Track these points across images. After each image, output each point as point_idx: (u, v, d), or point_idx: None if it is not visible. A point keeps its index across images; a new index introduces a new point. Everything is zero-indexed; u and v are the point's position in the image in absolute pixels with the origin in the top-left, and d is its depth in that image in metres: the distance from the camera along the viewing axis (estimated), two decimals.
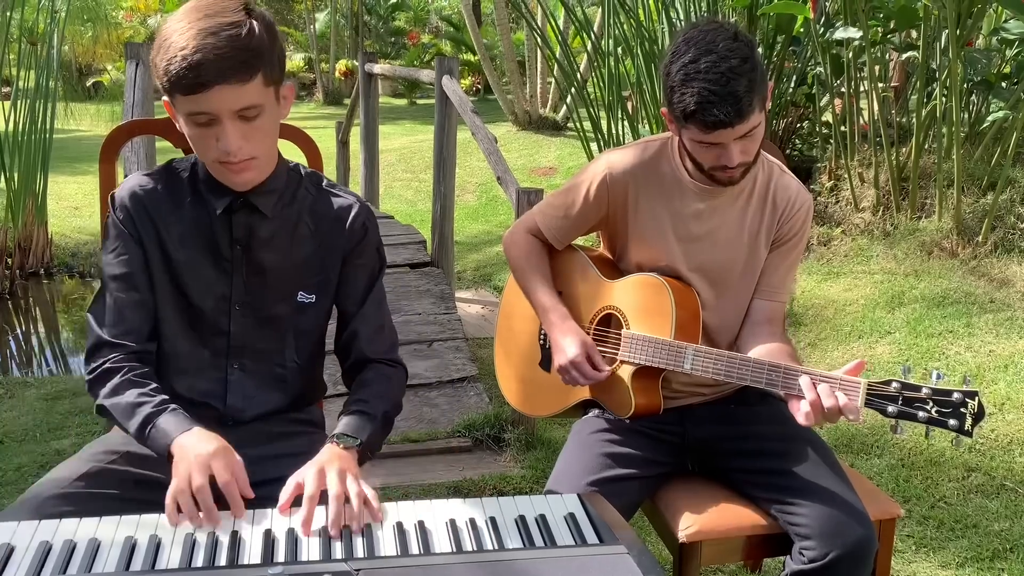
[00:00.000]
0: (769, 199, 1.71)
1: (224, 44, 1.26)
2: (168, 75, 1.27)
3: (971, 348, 3.43)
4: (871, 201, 4.70)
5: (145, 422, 1.33)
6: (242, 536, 1.21)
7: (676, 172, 1.71)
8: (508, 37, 10.11)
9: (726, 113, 1.49)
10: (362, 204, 1.54)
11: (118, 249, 1.44)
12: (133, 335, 1.43)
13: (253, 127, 1.33)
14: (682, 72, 1.52)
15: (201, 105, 1.28)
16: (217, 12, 1.28)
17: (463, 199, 7.73)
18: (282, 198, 1.47)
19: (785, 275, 1.76)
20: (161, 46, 1.29)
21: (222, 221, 1.44)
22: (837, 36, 4.36)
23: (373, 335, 1.54)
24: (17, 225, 5.79)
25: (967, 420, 1.37)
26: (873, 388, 1.44)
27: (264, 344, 1.50)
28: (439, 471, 2.97)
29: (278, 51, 1.33)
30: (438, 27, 18.35)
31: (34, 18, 6.21)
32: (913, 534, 2.51)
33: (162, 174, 1.48)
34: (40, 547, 1.15)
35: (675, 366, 1.64)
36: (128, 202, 1.44)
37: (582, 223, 1.80)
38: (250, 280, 1.47)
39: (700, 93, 1.49)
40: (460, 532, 1.23)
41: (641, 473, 1.70)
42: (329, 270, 1.51)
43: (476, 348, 4.11)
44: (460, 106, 4.30)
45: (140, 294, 1.44)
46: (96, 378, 1.41)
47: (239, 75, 1.27)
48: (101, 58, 14.85)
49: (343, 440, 1.38)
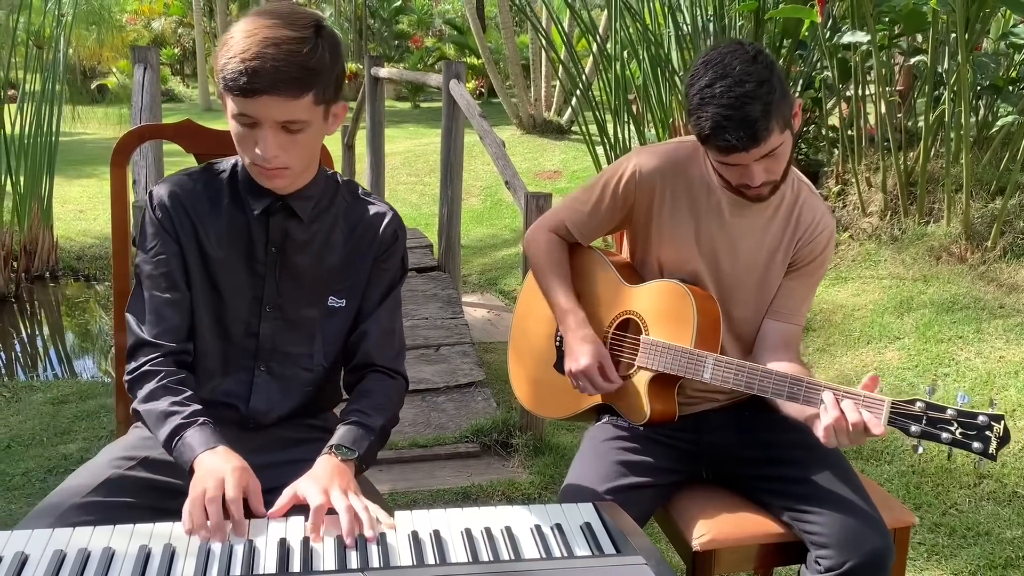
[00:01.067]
0: (793, 218, 1.70)
1: (283, 57, 1.27)
2: (224, 72, 1.28)
3: (981, 354, 3.42)
4: (879, 206, 4.69)
5: (173, 433, 1.34)
6: (257, 545, 1.20)
7: (706, 177, 1.70)
8: (512, 40, 10.11)
9: (739, 138, 1.48)
10: (394, 213, 1.56)
11: (156, 247, 1.45)
12: (172, 334, 1.44)
13: (293, 140, 1.34)
14: (698, 95, 1.52)
15: (247, 108, 1.30)
16: (288, 23, 1.29)
17: (468, 203, 7.72)
18: (319, 204, 1.49)
19: (802, 300, 1.73)
20: (225, 43, 1.30)
21: (259, 223, 1.45)
22: (845, 40, 4.35)
23: (382, 339, 1.54)
24: (23, 228, 5.79)
25: (992, 443, 1.35)
26: (897, 407, 1.42)
27: (292, 347, 1.51)
28: (447, 476, 2.96)
29: (338, 72, 1.34)
30: (442, 30, 18.36)
31: (40, 22, 6.22)
32: (924, 541, 2.49)
33: (201, 175, 1.49)
34: (54, 556, 1.15)
35: (694, 374, 1.63)
36: (167, 200, 1.45)
37: (608, 219, 1.79)
38: (283, 283, 1.48)
39: (714, 117, 1.49)
40: (476, 541, 1.22)
41: (655, 481, 1.69)
42: (360, 275, 1.52)
43: (483, 352, 4.10)
44: (468, 110, 4.29)
45: (179, 293, 1.45)
46: (135, 379, 1.42)
47: (290, 90, 1.28)
48: (107, 61, 14.88)
49: (341, 452, 1.38)
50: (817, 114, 5.37)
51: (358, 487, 1.33)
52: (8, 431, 3.31)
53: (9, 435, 3.26)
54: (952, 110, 4.27)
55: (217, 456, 1.30)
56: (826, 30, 4.50)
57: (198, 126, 1.80)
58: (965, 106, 4.03)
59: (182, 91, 17.73)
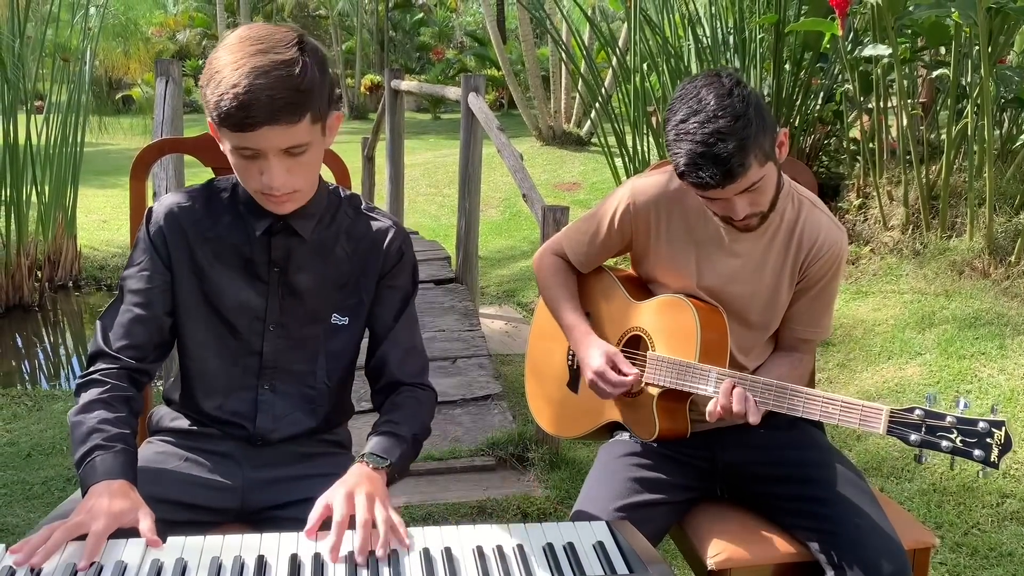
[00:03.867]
0: (795, 237, 1.67)
1: (275, 85, 1.24)
2: (218, 110, 1.26)
3: (1004, 371, 3.37)
4: (900, 219, 4.65)
5: (87, 453, 1.31)
6: (268, 560, 1.20)
7: (701, 204, 1.69)
8: (532, 52, 10.15)
9: (711, 175, 1.45)
10: (399, 228, 1.54)
11: (142, 264, 1.45)
12: (134, 351, 1.42)
13: (298, 162, 1.33)
14: (673, 131, 1.50)
15: (248, 142, 1.28)
16: (270, 47, 1.26)
17: (487, 214, 7.73)
18: (321, 221, 1.48)
19: (822, 314, 1.71)
20: (212, 78, 1.27)
21: (261, 242, 1.45)
22: (866, 53, 4.32)
23: (404, 358, 1.54)
24: (47, 238, 5.87)
25: (993, 451, 1.33)
26: (895, 416, 1.40)
27: (296, 365, 1.50)
28: (462, 490, 2.96)
29: (328, 85, 1.32)
30: (463, 42, 18.47)
31: (68, 34, 6.32)
32: (946, 562, 2.46)
33: (202, 192, 1.48)
34: (67, 569, 1.15)
35: (699, 389, 1.62)
36: (163, 221, 1.45)
37: (605, 250, 1.80)
38: (285, 301, 1.47)
39: (688, 155, 1.46)
40: (487, 560, 1.21)
41: (669, 498, 1.68)
42: (363, 293, 1.51)
43: (500, 365, 4.09)
44: (486, 124, 4.31)
45: (152, 312, 1.44)
46: (81, 385, 1.40)
47: (288, 117, 1.26)
48: (133, 73, 15.09)
49: (372, 460, 1.37)
50: (838, 127, 5.35)
51: (387, 495, 1.32)
52: (29, 440, 3.34)
53: (30, 444, 3.29)
54: (975, 123, 4.23)
55: (108, 490, 1.26)
56: (847, 43, 4.47)
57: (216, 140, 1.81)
58: (988, 119, 3.99)
59: None
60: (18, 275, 5.50)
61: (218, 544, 1.23)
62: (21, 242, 5.55)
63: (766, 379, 1.56)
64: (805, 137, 5.42)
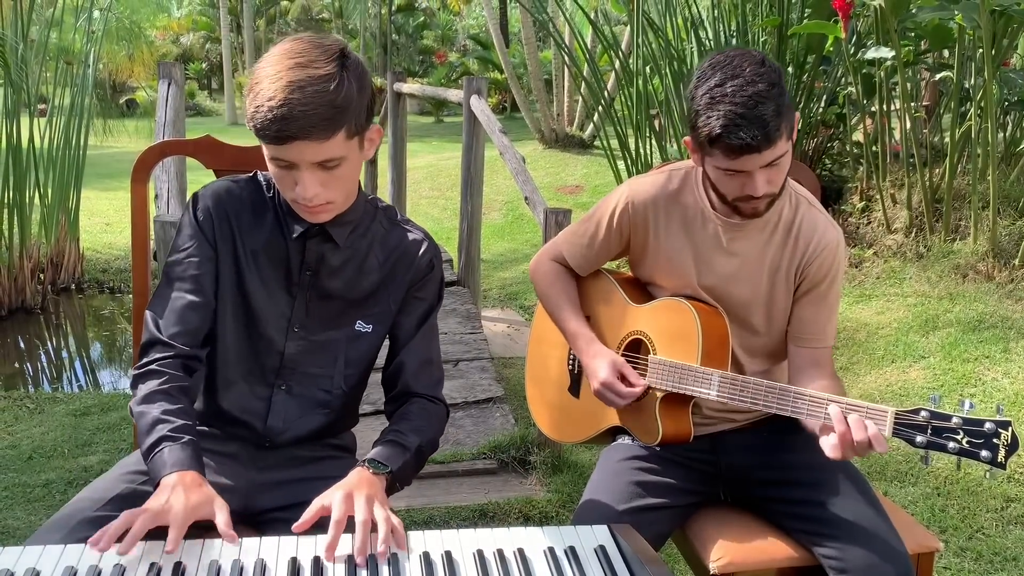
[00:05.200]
0: (793, 235, 1.66)
1: (310, 101, 1.25)
2: (254, 121, 1.28)
3: (1008, 374, 3.36)
4: (903, 222, 4.64)
5: (155, 444, 1.32)
6: (267, 563, 1.19)
7: (699, 203, 1.67)
8: (535, 55, 10.15)
9: (753, 136, 1.45)
10: (431, 241, 1.56)
11: (190, 250, 1.45)
12: (188, 337, 1.43)
13: (332, 175, 1.33)
14: (708, 95, 1.49)
15: (282, 154, 1.30)
16: (310, 62, 1.27)
17: (489, 217, 7.73)
18: (356, 229, 1.49)
19: (826, 322, 1.68)
20: (252, 89, 1.30)
21: (296, 245, 1.46)
22: (869, 56, 4.31)
23: (420, 369, 1.54)
24: (50, 241, 5.87)
25: (1000, 452, 1.31)
26: (901, 417, 1.39)
27: (315, 368, 1.50)
28: (464, 493, 2.95)
29: (367, 101, 1.33)
30: (465, 46, 18.49)
31: (71, 37, 6.33)
32: (950, 566, 2.44)
33: (247, 184, 1.49)
34: (66, 572, 1.15)
35: (701, 392, 1.61)
36: (211, 206, 1.45)
37: (604, 252, 1.79)
38: (313, 305, 1.48)
39: (727, 115, 1.46)
40: (488, 564, 1.20)
41: (672, 502, 1.67)
42: (391, 302, 1.52)
43: (502, 368, 4.09)
44: (488, 126, 4.30)
45: (203, 298, 1.44)
46: (139, 376, 1.41)
47: (321, 133, 1.27)
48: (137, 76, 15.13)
49: (373, 466, 1.36)
50: (841, 130, 5.33)
51: (386, 499, 1.32)
52: (31, 442, 3.33)
53: (31, 446, 3.29)
54: (979, 126, 4.22)
55: (182, 481, 1.26)
56: (850, 46, 4.46)
57: (218, 142, 1.81)
58: (992, 122, 3.98)
59: (209, 105, 17.96)
60: (21, 277, 5.51)
61: (217, 547, 1.22)
62: (24, 244, 5.55)
63: (768, 382, 1.55)
64: (808, 140, 5.41)
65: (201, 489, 1.27)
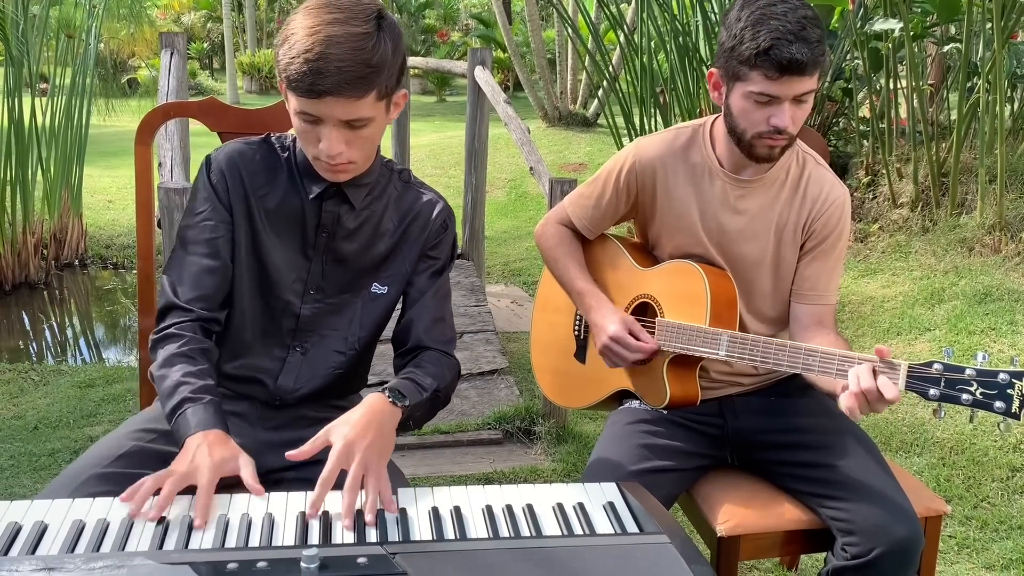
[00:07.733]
0: (800, 191, 1.65)
1: (346, 57, 1.24)
2: (287, 72, 1.27)
3: (1015, 346, 3.35)
4: (910, 197, 4.61)
5: (177, 406, 1.33)
6: (276, 518, 1.19)
7: (707, 160, 1.66)
8: (539, 33, 10.07)
9: (802, 53, 1.46)
10: (445, 203, 1.55)
11: (205, 213, 1.44)
12: (206, 301, 1.43)
13: (357, 135, 1.33)
14: (757, 13, 1.49)
15: (311, 108, 1.29)
16: (349, 18, 1.26)
17: (492, 194, 7.70)
18: (372, 191, 1.48)
19: (828, 279, 1.68)
20: (287, 39, 1.28)
21: (312, 206, 1.45)
22: (877, 27, 4.27)
23: (432, 324, 1.53)
24: (53, 217, 5.86)
25: (1015, 402, 1.30)
26: (914, 370, 1.38)
27: (330, 330, 1.50)
28: (469, 463, 2.95)
29: (400, 64, 1.32)
30: (468, 24, 18.36)
31: (72, 13, 6.28)
32: (955, 534, 2.44)
33: (261, 146, 1.48)
34: (73, 525, 1.15)
35: (710, 353, 1.60)
36: (225, 167, 1.44)
37: (612, 211, 1.77)
38: (329, 267, 1.48)
39: (778, 31, 1.46)
40: (496, 518, 1.20)
41: (679, 465, 1.66)
42: (406, 263, 1.51)
43: (506, 342, 4.08)
44: (493, 97, 4.27)
45: (219, 261, 1.44)
46: (158, 340, 1.41)
47: (355, 91, 1.26)
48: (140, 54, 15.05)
49: (393, 395, 1.35)
50: (847, 104, 5.30)
51: (390, 447, 1.30)
52: (36, 413, 3.34)
53: (37, 417, 3.30)
54: (986, 100, 4.18)
55: (206, 441, 1.27)
56: (857, 19, 4.42)
57: (222, 104, 1.80)
58: (1000, 95, 3.95)
59: (211, 85, 17.88)
60: (24, 253, 5.49)
61: (226, 502, 1.22)
62: (27, 220, 5.54)
63: (778, 340, 1.54)
64: (814, 115, 5.37)
65: (226, 445, 1.28)
